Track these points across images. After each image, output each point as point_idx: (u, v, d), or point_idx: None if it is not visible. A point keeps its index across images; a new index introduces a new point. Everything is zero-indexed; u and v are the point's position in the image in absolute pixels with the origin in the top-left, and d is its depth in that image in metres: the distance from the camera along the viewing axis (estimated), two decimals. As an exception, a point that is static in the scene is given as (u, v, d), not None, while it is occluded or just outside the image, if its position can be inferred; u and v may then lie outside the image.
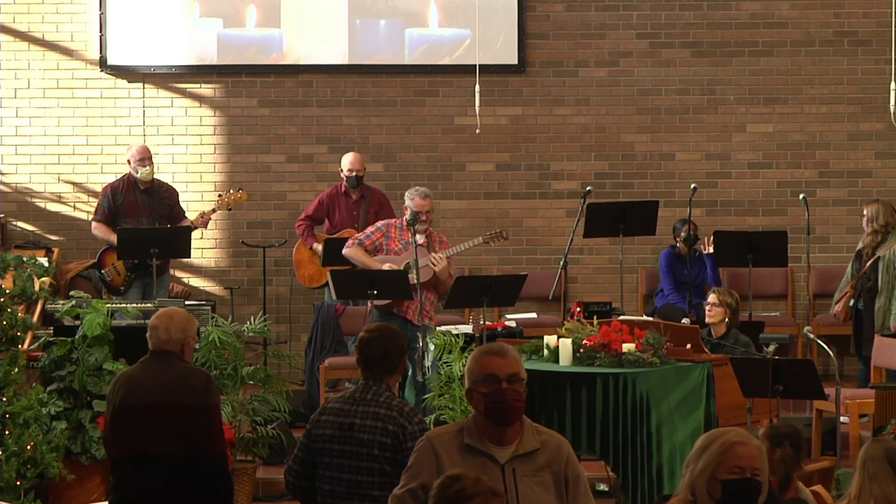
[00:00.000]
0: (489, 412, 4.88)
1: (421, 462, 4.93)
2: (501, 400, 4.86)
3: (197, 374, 6.85)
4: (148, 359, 6.81)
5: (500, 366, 4.92)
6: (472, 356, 5.02)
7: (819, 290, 12.88)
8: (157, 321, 6.83)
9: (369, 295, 9.94)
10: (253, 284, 12.88)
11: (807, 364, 8.75)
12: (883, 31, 12.46)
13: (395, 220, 10.61)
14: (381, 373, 6.06)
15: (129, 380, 6.80)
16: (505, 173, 13.11)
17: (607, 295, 12.05)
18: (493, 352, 4.99)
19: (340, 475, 5.94)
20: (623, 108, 13.11)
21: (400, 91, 13.09)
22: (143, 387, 6.71)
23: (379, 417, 5.93)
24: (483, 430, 4.90)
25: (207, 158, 13.07)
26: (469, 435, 4.91)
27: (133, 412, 6.69)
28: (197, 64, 13.03)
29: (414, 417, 5.92)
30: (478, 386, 4.91)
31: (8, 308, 8.81)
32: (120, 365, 9.35)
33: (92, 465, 9.29)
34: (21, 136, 12.99)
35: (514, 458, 4.87)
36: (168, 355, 6.75)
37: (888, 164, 13.07)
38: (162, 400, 6.64)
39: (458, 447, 4.89)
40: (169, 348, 6.76)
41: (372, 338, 6.11)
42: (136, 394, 6.70)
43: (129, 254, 11.25)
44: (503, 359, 4.95)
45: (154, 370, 6.75)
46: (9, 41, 12.94)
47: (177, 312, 6.91)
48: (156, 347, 6.78)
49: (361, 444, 5.89)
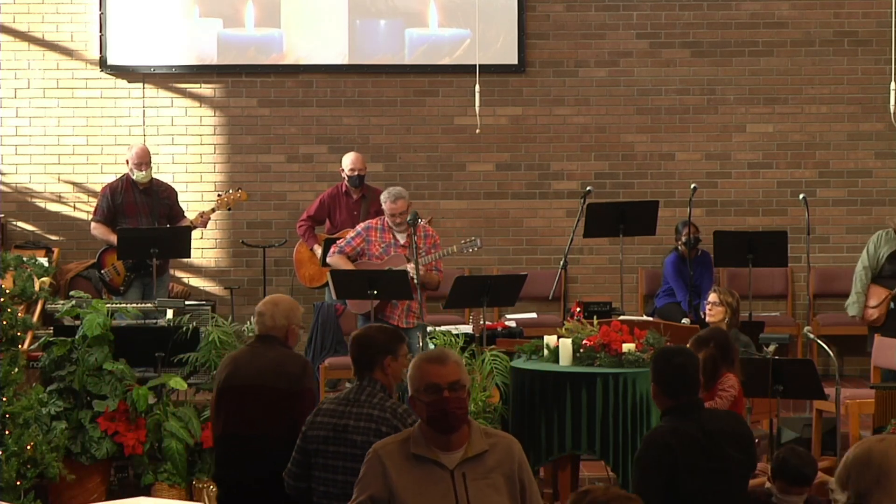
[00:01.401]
0: (432, 421, 4.85)
1: (369, 474, 4.91)
2: (444, 409, 4.83)
3: (294, 359, 7.10)
4: (254, 342, 7.15)
5: (441, 373, 4.87)
6: (413, 364, 4.98)
7: (819, 290, 12.89)
8: (263, 307, 7.13)
9: (369, 295, 9.93)
10: (253, 284, 12.88)
11: (807, 364, 8.74)
12: (883, 31, 12.46)
13: (376, 221, 10.52)
14: (370, 372, 6.06)
15: (234, 361, 7.13)
16: (505, 173, 13.11)
17: (607, 295, 12.05)
18: (434, 359, 4.94)
19: (335, 476, 5.94)
20: (623, 108, 13.11)
21: (400, 91, 13.10)
22: (245, 369, 7.01)
23: (372, 419, 5.92)
24: (429, 438, 4.87)
25: (207, 158, 13.07)
26: (415, 444, 4.87)
27: (234, 393, 6.99)
28: (197, 64, 13.04)
29: (408, 419, 5.89)
30: (419, 395, 4.88)
31: (8, 308, 8.81)
32: (120, 365, 9.36)
33: (92, 465, 9.29)
34: (21, 136, 13.00)
35: (463, 461, 4.84)
36: (272, 340, 7.05)
37: (888, 164, 13.07)
38: (260, 383, 6.91)
39: (405, 456, 4.86)
40: (274, 334, 7.06)
41: (358, 338, 6.15)
42: (238, 375, 7.01)
43: (128, 254, 11.24)
44: (444, 366, 4.90)
45: (256, 354, 7.05)
46: (9, 41, 12.94)
47: (283, 300, 7.18)
48: (261, 332, 7.09)
49: (355, 446, 5.88)
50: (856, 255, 12.99)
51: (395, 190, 10.48)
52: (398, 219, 10.33)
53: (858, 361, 12.44)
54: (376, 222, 10.50)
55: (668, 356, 6.18)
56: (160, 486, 9.28)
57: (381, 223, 10.44)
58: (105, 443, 9.27)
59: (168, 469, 9.30)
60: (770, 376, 8.35)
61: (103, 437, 9.28)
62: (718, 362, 7.62)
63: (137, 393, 9.29)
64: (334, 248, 10.55)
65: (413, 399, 4.90)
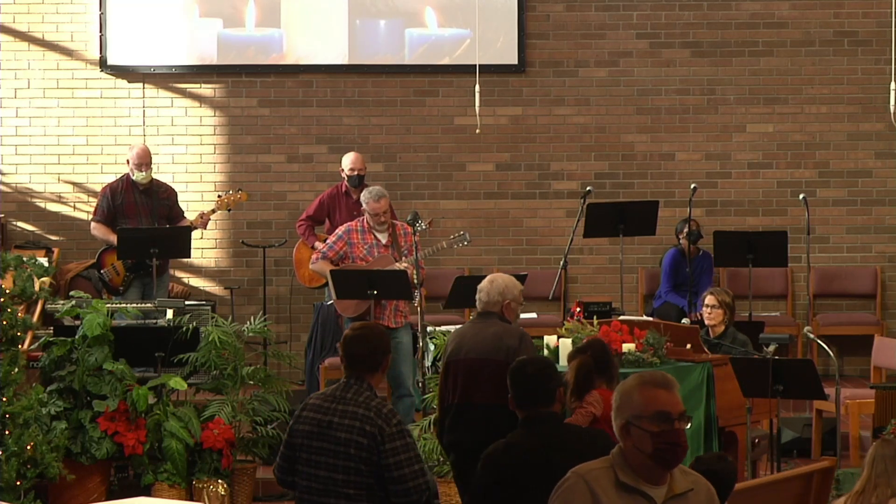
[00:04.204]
0: (659, 452, 4.38)
1: (575, 500, 4.46)
2: (675, 441, 4.37)
3: (512, 332, 7.69)
4: (475, 318, 7.90)
5: (670, 402, 4.40)
6: (631, 386, 4.46)
7: (819, 290, 12.89)
8: (481, 285, 7.84)
9: (369, 295, 9.93)
10: (253, 284, 12.88)
11: (807, 364, 8.74)
12: (883, 31, 12.46)
13: (355, 223, 10.47)
14: (364, 371, 6.03)
15: (458, 336, 7.84)
16: (505, 173, 13.11)
17: (607, 295, 12.05)
18: (661, 384, 4.43)
19: (317, 472, 5.96)
20: (623, 108, 13.11)
21: (400, 91, 13.09)
22: (467, 343, 7.70)
23: (357, 417, 5.91)
24: (638, 469, 4.42)
25: (207, 158, 13.07)
26: (621, 472, 4.42)
27: (458, 365, 7.67)
28: (197, 64, 13.03)
29: (392, 419, 5.89)
30: (643, 423, 4.38)
31: (8, 308, 8.81)
32: (120, 365, 9.36)
33: (92, 465, 9.30)
34: (21, 136, 13.00)
35: (670, 498, 4.44)
36: (490, 315, 7.75)
37: (888, 164, 13.07)
38: (480, 356, 7.58)
39: (612, 484, 4.41)
40: (490, 309, 7.74)
41: (357, 335, 6.11)
42: (462, 349, 7.69)
43: (128, 254, 11.24)
44: (671, 393, 4.42)
45: (477, 328, 7.76)
46: (9, 41, 12.94)
47: (498, 278, 7.85)
48: (481, 309, 7.80)
49: (339, 443, 5.89)
50: (856, 255, 13.02)
51: (376, 189, 10.45)
52: (382, 218, 10.30)
53: (858, 361, 12.46)
54: (356, 224, 10.44)
55: (521, 366, 6.13)
56: (160, 486, 9.29)
57: (362, 224, 10.39)
58: (105, 443, 9.27)
59: (168, 469, 9.30)
60: (770, 376, 8.35)
61: (103, 437, 9.28)
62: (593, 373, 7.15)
63: (137, 393, 9.29)
64: (316, 254, 10.51)
65: (628, 425, 4.41)
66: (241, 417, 9.62)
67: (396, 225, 10.45)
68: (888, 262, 13.05)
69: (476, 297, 7.82)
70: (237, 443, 9.54)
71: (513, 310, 7.80)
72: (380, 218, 10.29)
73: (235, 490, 9.49)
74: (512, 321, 7.79)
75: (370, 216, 10.31)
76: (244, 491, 9.53)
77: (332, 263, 10.33)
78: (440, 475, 9.19)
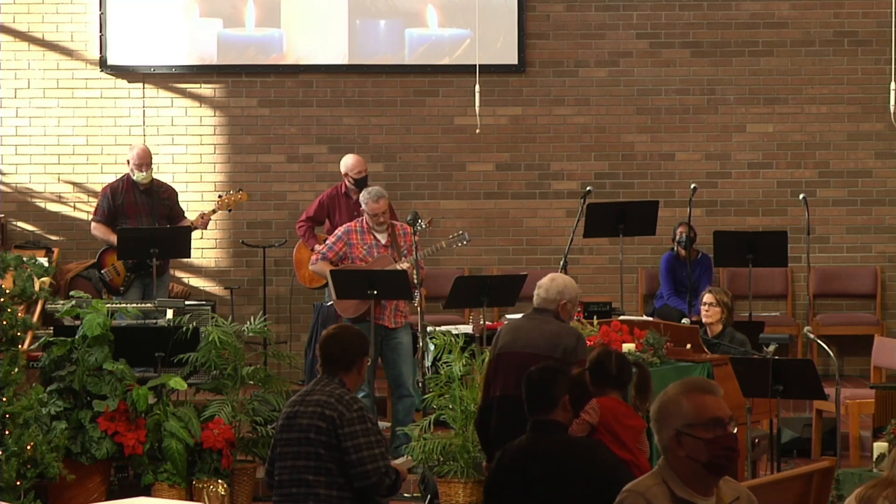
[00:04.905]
0: (714, 459, 4.27)
1: None
2: (730, 447, 4.28)
3: (570, 332, 7.79)
4: (531, 313, 7.87)
5: (720, 407, 4.31)
6: (677, 394, 4.34)
7: (819, 290, 12.89)
8: (541, 282, 7.88)
9: (369, 295, 9.92)
10: (253, 284, 12.88)
11: (807, 364, 8.74)
12: (883, 31, 12.46)
13: (354, 223, 10.45)
14: (337, 369, 6.21)
15: (513, 329, 7.88)
16: (505, 173, 13.11)
17: (607, 295, 12.05)
18: (706, 389, 4.35)
19: (285, 462, 6.12)
20: (623, 108, 13.11)
21: (400, 91, 13.09)
22: (523, 337, 7.71)
23: (319, 403, 6.10)
24: (689, 480, 4.31)
25: (207, 158, 13.07)
26: (674, 485, 4.31)
27: (511, 357, 7.64)
28: (197, 64, 13.04)
29: (353, 405, 6.07)
30: (696, 430, 4.27)
31: (8, 308, 8.81)
32: (120, 365, 9.36)
33: (92, 465, 9.29)
34: (21, 136, 13.00)
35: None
36: (546, 313, 7.77)
37: (888, 164, 13.07)
38: (536, 351, 7.54)
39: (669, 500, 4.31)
40: (546, 306, 7.76)
41: (331, 335, 6.29)
42: (517, 342, 7.71)
43: (129, 254, 11.23)
44: (718, 398, 4.34)
45: (534, 323, 7.77)
46: (9, 41, 12.94)
47: (558, 277, 7.93)
48: (537, 305, 7.82)
49: (301, 430, 6.07)
50: (856, 255, 13.02)
51: (375, 190, 10.44)
52: (381, 218, 10.29)
53: (858, 361, 12.45)
54: (355, 224, 10.43)
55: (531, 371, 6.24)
56: (160, 486, 9.28)
57: (361, 225, 10.38)
58: (105, 443, 9.27)
59: (168, 469, 9.30)
60: (770, 376, 8.35)
61: (103, 437, 9.28)
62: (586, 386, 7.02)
63: (137, 393, 9.29)
64: (316, 255, 10.49)
65: (679, 436, 4.29)
66: (241, 417, 9.62)
67: (396, 225, 10.44)
68: (888, 262, 13.05)
69: (534, 293, 7.86)
70: (237, 443, 9.53)
71: (568, 311, 7.84)
72: (379, 218, 10.28)
73: (235, 490, 9.49)
74: (566, 321, 7.86)
75: (369, 216, 10.30)
76: (244, 491, 9.52)
77: (331, 264, 10.32)
78: (440, 475, 9.18)
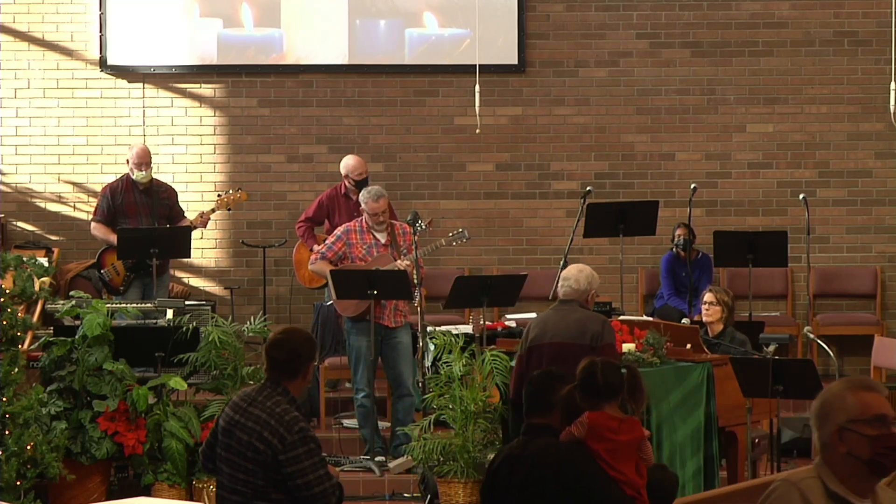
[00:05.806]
0: (878, 457, 4.22)
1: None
2: (893, 446, 4.22)
3: (595, 318, 8.18)
4: (557, 305, 8.28)
5: (885, 405, 4.25)
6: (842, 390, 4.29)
7: (819, 290, 12.89)
8: (568, 273, 8.27)
9: (369, 295, 9.92)
10: (253, 284, 12.88)
11: (807, 364, 8.74)
12: (883, 31, 12.46)
13: (354, 223, 10.45)
14: (281, 376, 6.03)
15: (541, 322, 8.28)
16: (505, 173, 13.11)
17: (607, 295, 12.03)
18: (870, 387, 4.30)
19: (223, 467, 6.08)
20: (623, 108, 13.11)
21: (400, 91, 13.09)
22: (551, 328, 8.15)
23: (259, 422, 5.94)
24: (846, 479, 4.25)
25: (207, 158, 13.07)
26: (831, 482, 4.26)
27: (542, 349, 8.09)
28: (197, 64, 13.04)
29: (294, 426, 5.89)
30: (859, 426, 4.22)
31: (8, 308, 8.81)
32: (120, 365, 9.36)
33: (92, 465, 9.29)
34: (21, 136, 13.00)
35: None
36: (570, 302, 8.18)
37: (888, 164, 13.07)
38: (565, 340, 8.00)
39: (823, 494, 4.26)
40: (576, 297, 8.17)
41: (277, 340, 6.10)
42: (546, 334, 8.14)
43: (129, 254, 11.24)
44: (882, 396, 4.28)
45: (560, 314, 8.19)
46: (9, 41, 12.94)
47: (585, 268, 8.29)
48: (564, 296, 8.23)
49: (240, 443, 5.98)
50: (856, 255, 13.02)
51: (375, 189, 10.43)
52: (381, 217, 10.29)
53: (858, 361, 12.45)
54: (355, 224, 10.43)
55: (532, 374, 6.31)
56: (160, 486, 9.28)
57: (360, 224, 10.37)
58: (105, 443, 9.27)
59: (168, 469, 9.30)
60: (770, 376, 8.35)
61: (103, 437, 9.28)
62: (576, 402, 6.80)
63: (137, 393, 9.29)
64: (315, 254, 10.49)
65: (842, 431, 4.24)
66: (241, 417, 9.61)
67: (395, 225, 10.44)
68: (888, 262, 13.05)
69: (560, 284, 8.22)
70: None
71: (593, 300, 8.34)
72: (378, 218, 10.27)
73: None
74: (590, 309, 8.27)
75: (369, 216, 10.29)
76: (244, 491, 9.52)
77: (331, 263, 10.32)
78: (440, 475, 9.18)
